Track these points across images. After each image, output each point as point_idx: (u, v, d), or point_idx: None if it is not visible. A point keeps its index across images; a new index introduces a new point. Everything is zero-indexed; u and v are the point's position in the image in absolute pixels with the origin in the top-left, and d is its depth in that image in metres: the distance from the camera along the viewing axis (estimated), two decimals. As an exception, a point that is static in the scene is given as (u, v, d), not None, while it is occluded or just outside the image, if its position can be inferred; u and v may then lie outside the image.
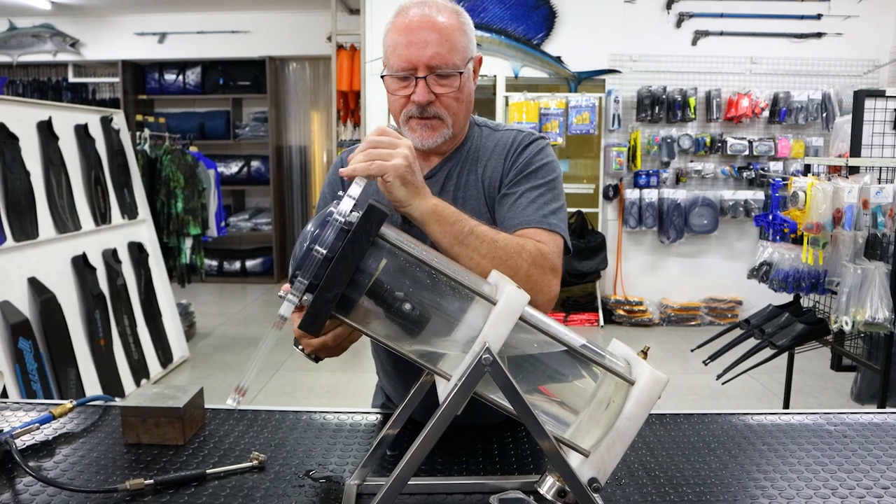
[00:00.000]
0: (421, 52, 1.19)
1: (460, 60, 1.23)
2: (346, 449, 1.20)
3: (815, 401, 4.02)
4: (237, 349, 4.99)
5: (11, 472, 1.09)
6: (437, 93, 1.22)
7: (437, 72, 1.21)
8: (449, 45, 1.21)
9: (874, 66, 5.63)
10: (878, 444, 1.24)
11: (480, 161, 1.31)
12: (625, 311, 5.73)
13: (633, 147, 5.62)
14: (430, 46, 1.19)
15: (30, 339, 3.14)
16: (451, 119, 1.25)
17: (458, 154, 1.32)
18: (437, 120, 1.24)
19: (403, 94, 1.23)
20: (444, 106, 1.23)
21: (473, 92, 1.31)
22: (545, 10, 5.61)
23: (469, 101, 1.29)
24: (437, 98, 1.22)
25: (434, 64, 1.20)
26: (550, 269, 1.15)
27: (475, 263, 1.08)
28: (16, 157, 3.30)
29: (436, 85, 1.21)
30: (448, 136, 1.27)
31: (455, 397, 0.83)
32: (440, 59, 1.20)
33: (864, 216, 2.70)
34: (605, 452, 0.86)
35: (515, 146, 1.30)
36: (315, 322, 0.82)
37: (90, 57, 7.45)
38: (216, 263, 7.40)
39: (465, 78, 1.25)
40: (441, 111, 1.23)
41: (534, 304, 1.09)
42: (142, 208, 4.47)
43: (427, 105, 1.22)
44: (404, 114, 1.25)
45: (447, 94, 1.22)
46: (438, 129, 1.25)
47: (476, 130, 1.36)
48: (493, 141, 1.33)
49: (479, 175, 1.30)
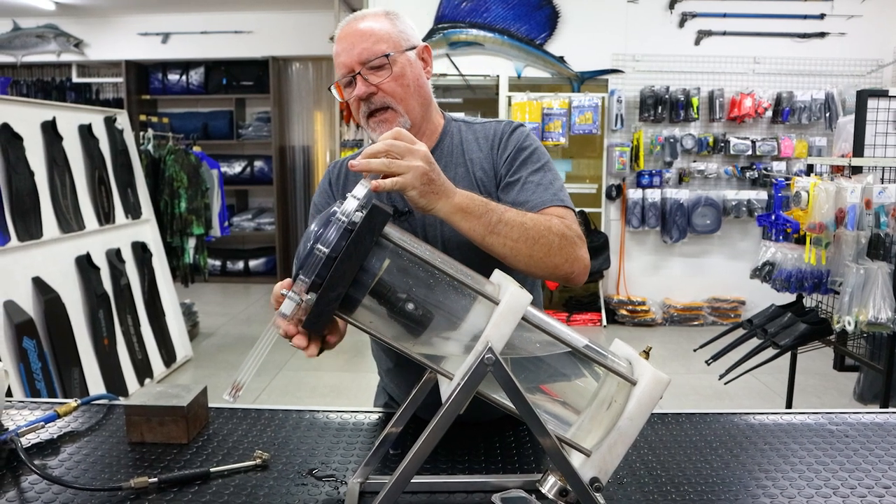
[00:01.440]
0: (350, 52, 1.25)
1: (389, 48, 1.26)
2: (348, 448, 1.20)
3: (818, 401, 4.01)
4: (240, 349, 5.00)
5: (17, 470, 1.10)
6: (374, 83, 1.25)
7: (368, 65, 1.25)
8: (374, 38, 1.26)
9: (878, 65, 5.62)
10: (879, 443, 1.24)
11: (466, 154, 1.33)
12: (628, 311, 5.73)
13: (635, 147, 5.62)
14: (356, 45, 1.25)
15: (34, 338, 3.15)
16: (401, 106, 1.27)
17: (437, 150, 1.34)
18: (389, 111, 1.27)
19: (353, 97, 1.27)
20: (388, 93, 1.26)
21: (424, 80, 1.33)
22: (548, 10, 5.61)
23: (418, 88, 1.30)
24: (377, 88, 1.26)
25: (364, 58, 1.25)
26: (578, 238, 1.19)
27: (509, 249, 1.11)
28: (20, 157, 3.31)
29: (371, 75, 1.26)
30: (407, 126, 1.28)
31: (458, 396, 0.83)
32: (367, 52, 1.25)
33: (867, 216, 2.69)
34: (607, 452, 0.87)
35: (499, 136, 1.33)
36: (318, 321, 0.83)
37: (94, 57, 7.46)
38: (219, 263, 7.42)
39: (403, 64, 1.28)
40: (387, 99, 1.26)
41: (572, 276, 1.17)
42: (145, 208, 4.48)
43: (369, 98, 1.26)
44: (361, 116, 1.29)
45: (385, 82, 1.26)
46: (393, 120, 1.27)
47: (454, 125, 1.38)
48: (473, 134, 1.36)
49: (468, 168, 1.32)
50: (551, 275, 1.16)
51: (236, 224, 7.45)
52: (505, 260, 1.12)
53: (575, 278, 1.18)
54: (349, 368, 4.63)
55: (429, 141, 1.34)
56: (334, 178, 1.42)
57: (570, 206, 1.27)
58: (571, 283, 1.20)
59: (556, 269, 1.15)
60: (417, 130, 1.31)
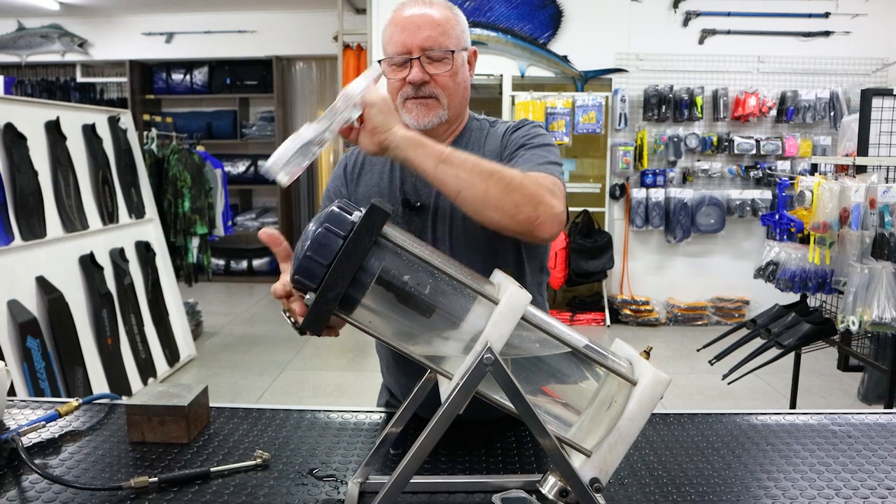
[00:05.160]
0: (414, 35, 1.26)
1: (453, 44, 1.28)
2: (349, 447, 1.20)
3: (823, 401, 4.00)
4: (244, 348, 5.00)
5: (18, 469, 1.10)
6: (432, 73, 1.27)
7: (429, 53, 1.26)
8: (441, 29, 1.27)
9: (882, 64, 5.60)
10: (882, 444, 1.24)
11: (481, 150, 1.34)
12: (631, 310, 5.72)
13: (639, 146, 5.61)
14: (423, 30, 1.26)
15: (38, 337, 3.16)
16: (446, 100, 1.29)
17: (457, 144, 1.35)
18: (432, 100, 1.29)
19: (399, 77, 1.28)
20: (441, 86, 1.28)
21: (469, 82, 1.36)
22: (551, 9, 5.60)
23: (465, 89, 1.34)
24: (431, 78, 1.27)
25: (427, 46, 1.26)
26: (546, 188, 1.13)
27: (464, 181, 1.08)
28: (24, 156, 3.32)
29: (429, 66, 1.27)
30: (444, 118, 1.30)
31: (457, 396, 0.83)
32: (433, 41, 1.26)
33: (871, 215, 2.68)
34: (607, 452, 0.87)
35: (511, 129, 1.36)
36: (318, 321, 0.82)
37: (98, 57, 7.48)
38: (223, 263, 7.43)
39: (459, 63, 1.30)
40: (437, 91, 1.28)
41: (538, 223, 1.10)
42: (149, 208, 4.48)
43: (422, 85, 1.27)
44: (400, 95, 1.29)
45: (442, 74, 1.28)
46: (434, 108, 1.29)
47: (475, 123, 1.41)
48: (492, 132, 1.39)
49: None
50: (512, 219, 1.09)
51: (240, 223, 7.46)
52: (459, 198, 1.09)
53: (541, 226, 1.10)
54: (352, 368, 4.64)
55: (454, 133, 1.38)
56: (350, 165, 1.43)
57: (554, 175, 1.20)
58: (538, 233, 1.11)
59: (517, 210, 1.08)
60: (450, 125, 1.35)
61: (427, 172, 1.10)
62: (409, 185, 1.34)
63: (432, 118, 1.29)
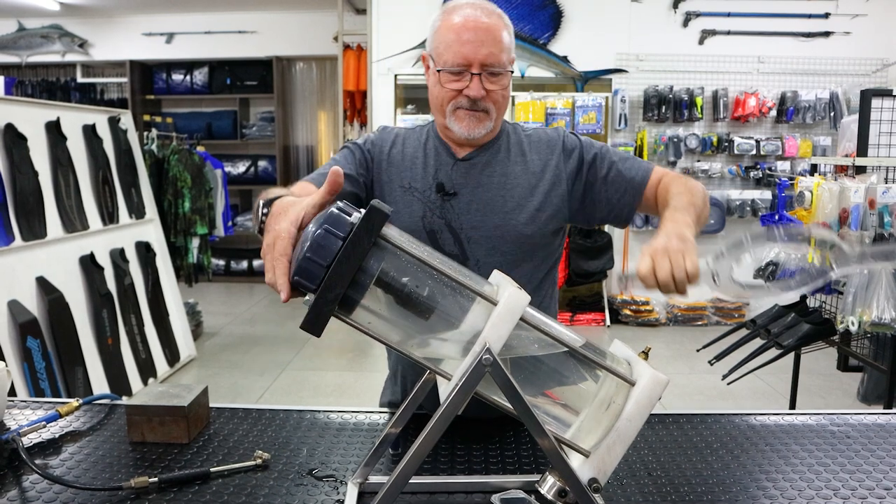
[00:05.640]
0: (476, 50, 1.29)
1: (507, 60, 1.33)
2: (348, 448, 1.21)
3: (822, 401, 4.01)
4: (244, 348, 5.01)
5: (18, 469, 1.10)
6: (489, 89, 1.32)
7: (489, 70, 1.31)
8: (500, 45, 1.31)
9: (882, 64, 5.60)
10: (881, 445, 1.24)
11: (526, 154, 1.42)
12: (631, 310, 5.73)
13: (639, 146, 5.61)
14: (484, 46, 1.29)
15: (38, 337, 3.16)
16: (496, 114, 1.36)
17: (493, 145, 1.42)
18: (484, 113, 1.34)
19: (455, 87, 1.32)
20: (493, 101, 1.34)
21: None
22: (551, 10, 5.61)
23: (507, 99, 1.40)
24: (487, 94, 1.32)
25: (488, 63, 1.30)
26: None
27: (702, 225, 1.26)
28: (24, 157, 3.32)
29: (488, 82, 1.32)
30: (490, 129, 1.37)
31: (456, 397, 0.83)
32: (493, 58, 1.30)
33: (871, 216, 2.68)
34: (606, 453, 0.87)
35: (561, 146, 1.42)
36: (317, 322, 0.83)
37: (98, 57, 7.49)
38: (223, 263, 7.43)
39: (509, 79, 1.36)
40: (489, 106, 1.34)
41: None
42: (149, 208, 4.49)
43: (479, 99, 1.32)
44: (452, 104, 1.34)
45: (496, 91, 1.33)
46: (484, 121, 1.35)
47: (507, 126, 1.46)
48: (528, 138, 1.45)
49: (529, 165, 1.40)
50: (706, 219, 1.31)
51: (240, 224, 7.46)
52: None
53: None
54: (352, 368, 4.64)
55: (489, 137, 1.41)
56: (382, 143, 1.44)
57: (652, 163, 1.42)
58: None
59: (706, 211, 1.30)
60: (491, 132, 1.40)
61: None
62: (444, 173, 1.39)
63: (481, 130, 1.35)
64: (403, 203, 1.38)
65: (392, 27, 5.63)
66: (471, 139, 1.37)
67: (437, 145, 1.42)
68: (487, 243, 1.35)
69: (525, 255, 1.37)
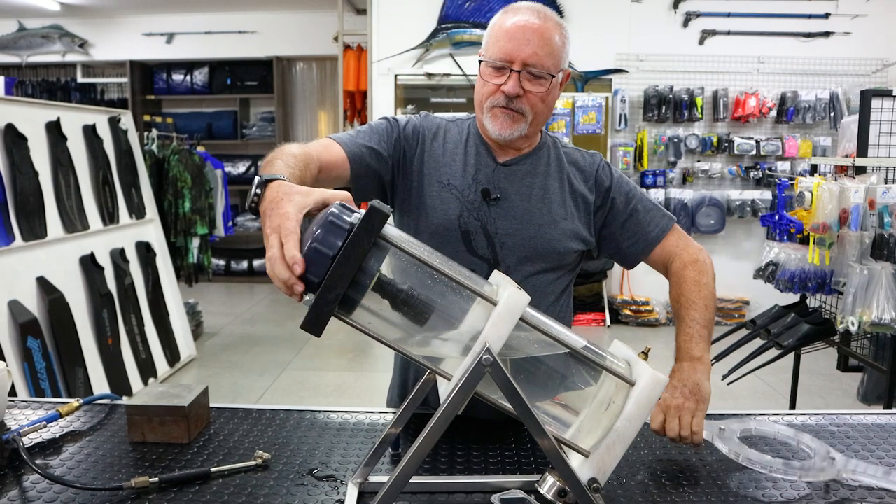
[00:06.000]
0: (521, 48, 1.27)
1: (553, 66, 1.30)
2: (348, 448, 1.21)
3: (822, 401, 4.01)
4: (244, 348, 5.01)
5: (19, 469, 1.10)
6: (527, 89, 1.29)
7: (530, 70, 1.28)
8: (548, 49, 1.29)
9: (882, 65, 5.60)
10: (881, 445, 1.24)
11: (563, 173, 1.42)
12: (631, 310, 5.73)
13: (639, 147, 5.61)
14: (530, 45, 1.27)
15: (38, 338, 3.16)
16: (531, 116, 1.32)
17: (536, 155, 1.41)
18: (519, 114, 1.31)
19: (496, 82, 1.30)
20: (530, 104, 1.31)
21: (556, 102, 1.39)
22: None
23: (550, 109, 1.37)
24: (525, 94, 1.30)
25: (530, 62, 1.28)
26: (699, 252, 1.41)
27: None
28: (25, 157, 3.32)
29: (526, 81, 1.29)
30: (524, 133, 1.34)
31: (456, 397, 0.84)
32: (537, 59, 1.28)
33: (871, 216, 2.68)
34: (605, 453, 0.87)
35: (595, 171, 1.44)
36: (317, 322, 0.83)
37: (98, 57, 7.49)
38: (223, 263, 7.44)
39: (554, 85, 1.33)
40: (525, 107, 1.31)
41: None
42: (149, 208, 4.49)
43: (515, 97, 1.29)
44: (490, 101, 1.32)
45: (535, 94, 1.30)
46: (518, 122, 1.32)
47: (548, 138, 1.45)
48: (567, 156, 1.45)
49: (564, 185, 1.41)
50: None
51: (240, 224, 7.46)
52: None
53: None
54: (352, 368, 4.64)
55: (529, 145, 1.42)
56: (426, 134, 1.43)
57: (673, 217, 1.44)
58: None
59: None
60: (528, 139, 1.39)
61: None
62: (484, 175, 1.38)
63: (514, 131, 1.32)
64: (440, 199, 1.36)
65: (392, 27, 5.63)
66: (503, 139, 1.34)
67: (479, 144, 1.41)
68: (520, 252, 1.35)
69: (552, 268, 1.38)
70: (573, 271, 1.45)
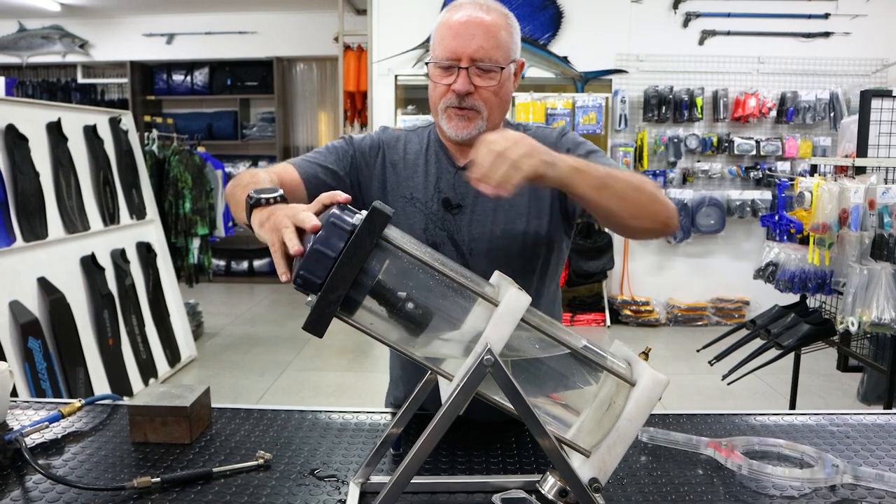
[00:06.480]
0: (466, 44, 1.24)
1: (503, 58, 1.27)
2: (350, 448, 1.21)
3: (822, 401, 4.01)
4: (244, 349, 5.01)
5: (21, 469, 1.11)
6: (477, 85, 1.26)
7: (479, 65, 1.25)
8: (494, 41, 1.25)
9: (882, 65, 5.60)
10: (880, 444, 1.25)
11: None
12: (631, 311, 5.73)
13: (639, 147, 5.61)
14: (475, 40, 1.24)
15: (39, 338, 3.17)
16: (486, 112, 1.29)
17: None
18: (473, 112, 1.28)
19: (445, 82, 1.28)
20: (483, 99, 1.27)
21: (511, 94, 1.36)
22: (552, 11, 5.61)
23: (506, 102, 1.34)
24: (476, 90, 1.26)
25: (477, 57, 1.25)
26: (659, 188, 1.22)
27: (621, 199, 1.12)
28: (25, 157, 3.33)
29: (476, 77, 1.26)
30: (482, 129, 1.29)
31: (457, 397, 0.84)
32: (484, 52, 1.25)
33: (871, 216, 2.69)
34: (606, 453, 0.87)
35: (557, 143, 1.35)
36: (319, 322, 0.83)
37: (99, 58, 7.49)
38: (224, 263, 7.44)
39: (506, 77, 1.29)
40: (478, 104, 1.27)
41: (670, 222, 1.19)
42: (150, 209, 4.49)
43: (466, 95, 1.26)
44: (443, 103, 1.29)
45: (486, 88, 1.27)
46: (474, 120, 1.29)
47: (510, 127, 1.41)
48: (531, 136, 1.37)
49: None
50: (653, 222, 1.18)
51: (240, 224, 7.46)
52: (613, 215, 1.14)
53: (672, 223, 1.20)
54: (353, 368, 4.64)
55: None
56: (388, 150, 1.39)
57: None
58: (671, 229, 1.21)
59: (658, 215, 1.17)
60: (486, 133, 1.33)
61: (590, 199, 1.10)
62: (446, 182, 1.35)
63: (471, 130, 1.29)
64: (405, 215, 1.34)
65: (392, 28, 5.63)
66: (462, 140, 1.30)
67: (438, 151, 1.37)
68: (489, 255, 1.31)
69: (528, 265, 1.34)
70: (555, 265, 1.39)
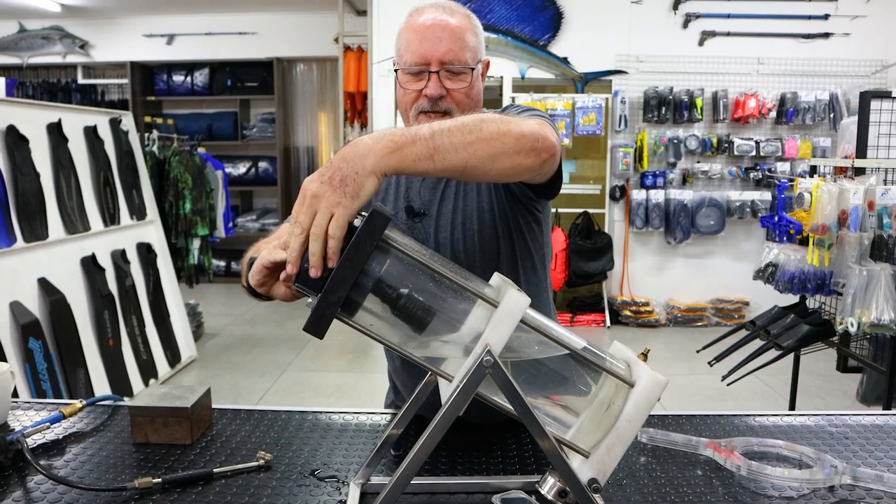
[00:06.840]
0: (434, 47, 1.24)
1: (471, 59, 1.28)
2: (350, 448, 1.21)
3: (822, 402, 4.01)
4: (245, 349, 5.01)
5: (23, 470, 1.11)
6: (449, 88, 1.26)
7: (448, 67, 1.25)
8: (461, 43, 1.26)
9: (882, 66, 5.61)
10: (879, 445, 1.25)
11: None
12: (631, 311, 5.73)
13: (639, 148, 5.62)
14: (443, 43, 1.24)
15: (39, 339, 3.17)
16: (458, 114, 1.27)
17: None
18: (446, 115, 1.26)
19: (415, 88, 1.27)
20: (455, 101, 1.27)
21: (482, 93, 1.35)
22: (552, 11, 5.62)
23: (477, 101, 1.33)
24: (448, 93, 1.26)
25: (447, 60, 1.25)
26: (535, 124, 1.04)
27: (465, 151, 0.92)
28: (26, 158, 3.33)
29: (447, 80, 1.26)
30: None
31: (457, 398, 0.84)
32: (452, 55, 1.25)
33: (870, 217, 2.69)
34: (605, 453, 0.88)
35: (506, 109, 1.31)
36: (320, 324, 0.84)
37: (99, 58, 7.50)
38: (224, 264, 7.44)
39: (475, 77, 1.30)
40: (451, 106, 1.27)
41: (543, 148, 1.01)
42: (150, 209, 4.50)
43: (438, 99, 1.26)
44: (415, 108, 1.29)
45: (458, 90, 1.27)
46: None
47: None
48: None
49: None
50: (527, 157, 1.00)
51: (241, 225, 7.47)
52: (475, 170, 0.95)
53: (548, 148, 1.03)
54: (353, 369, 4.65)
55: None
56: None
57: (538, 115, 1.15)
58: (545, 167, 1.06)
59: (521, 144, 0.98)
60: None
61: (429, 171, 0.92)
62: (414, 191, 1.35)
63: None
64: None
65: (392, 28, 5.62)
66: None
67: None
68: (457, 259, 1.29)
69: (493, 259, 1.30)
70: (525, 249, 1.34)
